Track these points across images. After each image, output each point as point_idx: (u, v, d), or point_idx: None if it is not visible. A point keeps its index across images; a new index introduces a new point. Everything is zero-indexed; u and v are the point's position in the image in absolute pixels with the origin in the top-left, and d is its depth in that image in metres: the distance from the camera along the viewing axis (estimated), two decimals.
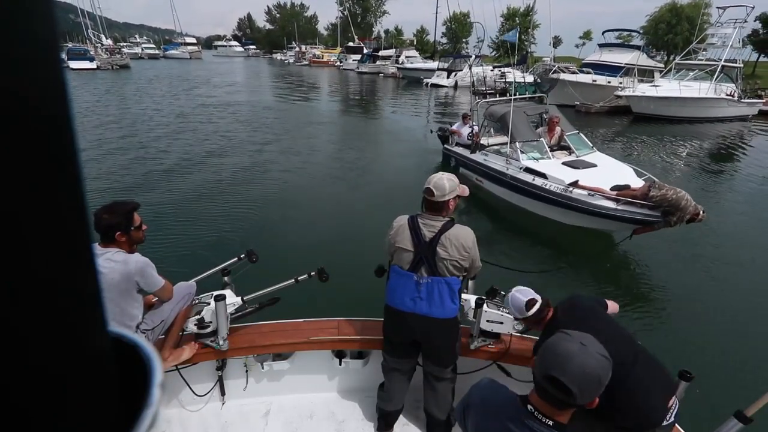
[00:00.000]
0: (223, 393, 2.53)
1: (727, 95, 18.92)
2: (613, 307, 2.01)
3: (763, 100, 21.48)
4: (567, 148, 7.11)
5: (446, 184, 1.99)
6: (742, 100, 19.70)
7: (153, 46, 72.91)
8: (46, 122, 0.22)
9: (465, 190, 2.07)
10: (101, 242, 1.96)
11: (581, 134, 7.54)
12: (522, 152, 6.82)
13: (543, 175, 6.27)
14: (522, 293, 1.90)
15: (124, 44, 59.59)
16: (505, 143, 7.16)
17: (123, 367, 0.29)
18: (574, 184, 5.80)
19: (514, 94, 8.41)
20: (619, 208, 5.24)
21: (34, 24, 0.20)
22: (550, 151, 6.93)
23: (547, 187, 6.08)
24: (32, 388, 0.22)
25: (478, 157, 7.82)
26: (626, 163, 6.81)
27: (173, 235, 5.77)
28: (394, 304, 2.09)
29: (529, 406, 1.12)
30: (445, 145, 9.18)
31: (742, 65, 20.79)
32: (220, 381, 2.49)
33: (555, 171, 6.26)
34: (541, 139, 7.07)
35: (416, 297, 2.01)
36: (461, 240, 1.97)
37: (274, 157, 10.48)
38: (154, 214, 6.30)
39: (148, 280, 1.98)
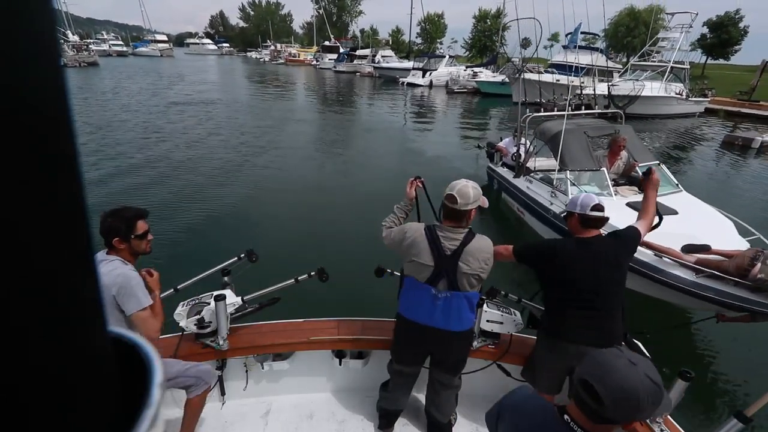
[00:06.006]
0: (223, 393, 2.53)
1: (676, 94, 20.76)
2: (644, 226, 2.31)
3: (709, 99, 23.59)
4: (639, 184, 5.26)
5: (471, 192, 1.85)
6: (690, 99, 21.64)
7: (121, 43, 70.61)
8: (46, 121, 0.21)
9: (485, 201, 1.94)
10: (106, 248, 1.82)
11: (663, 166, 5.47)
12: (573, 184, 5.19)
13: None
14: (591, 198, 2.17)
15: (91, 41, 57.52)
16: (554, 169, 5.55)
17: (123, 367, 0.29)
18: None
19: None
20: (697, 281, 3.64)
21: (33, 21, 0.20)
22: (615, 185, 5.15)
23: None
24: (31, 388, 0.22)
25: (521, 182, 6.29)
26: (725, 213, 4.73)
27: (172, 235, 5.80)
28: (408, 315, 2.02)
29: (566, 416, 1.09)
30: (490, 164, 7.75)
31: (688, 66, 22.78)
32: (220, 381, 2.49)
33: (611, 215, 4.81)
34: (603, 169, 5.24)
35: (433, 310, 1.93)
36: (484, 252, 1.89)
37: (272, 156, 10.62)
38: (153, 213, 6.28)
39: (125, 299, 1.70)
